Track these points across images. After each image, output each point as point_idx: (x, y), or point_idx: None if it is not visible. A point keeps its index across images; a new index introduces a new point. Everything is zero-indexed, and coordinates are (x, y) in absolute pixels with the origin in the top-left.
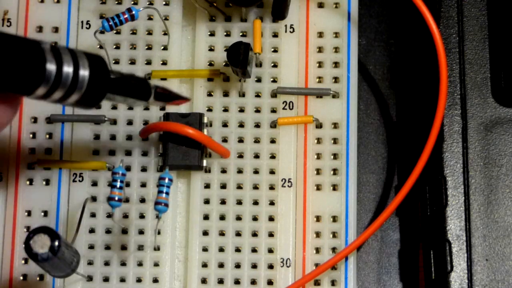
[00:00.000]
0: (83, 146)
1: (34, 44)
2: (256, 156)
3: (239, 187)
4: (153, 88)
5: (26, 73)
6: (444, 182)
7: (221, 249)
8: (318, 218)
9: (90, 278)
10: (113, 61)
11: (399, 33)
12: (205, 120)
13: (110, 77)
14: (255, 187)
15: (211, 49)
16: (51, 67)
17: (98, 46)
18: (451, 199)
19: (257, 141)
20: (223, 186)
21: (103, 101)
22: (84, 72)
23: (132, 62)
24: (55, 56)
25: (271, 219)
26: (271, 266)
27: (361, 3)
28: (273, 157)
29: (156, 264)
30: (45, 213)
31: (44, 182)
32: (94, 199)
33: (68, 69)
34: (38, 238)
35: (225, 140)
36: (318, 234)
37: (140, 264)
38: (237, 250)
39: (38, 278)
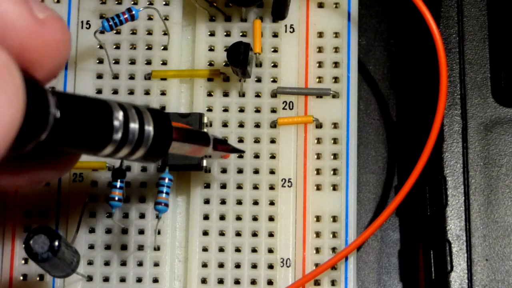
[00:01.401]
0: None
1: (102, 103)
2: (256, 156)
3: (239, 187)
4: (211, 139)
5: (96, 133)
6: (444, 182)
7: (221, 249)
8: (318, 218)
9: (90, 278)
10: (113, 61)
11: (399, 33)
12: (205, 120)
13: (173, 131)
14: (255, 187)
15: (211, 49)
16: (119, 126)
17: (98, 46)
18: (451, 199)
19: (257, 141)
20: (223, 186)
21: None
22: (149, 128)
23: (132, 62)
24: (122, 113)
25: (271, 219)
26: (271, 266)
27: (361, 3)
28: (273, 157)
29: (156, 264)
30: (45, 213)
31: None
32: (94, 199)
33: (134, 125)
34: (38, 238)
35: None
36: (318, 234)
37: (140, 264)
38: (237, 250)
39: (38, 278)
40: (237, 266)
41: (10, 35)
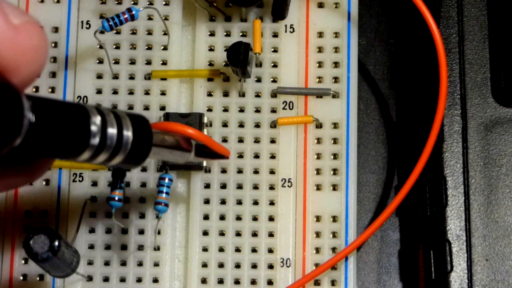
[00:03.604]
0: None
1: (79, 108)
2: (256, 156)
3: (239, 187)
4: (193, 144)
5: (72, 139)
6: (444, 182)
7: (221, 249)
8: (318, 218)
9: (90, 278)
10: (113, 61)
11: (399, 33)
12: (205, 120)
13: (152, 136)
14: (255, 187)
15: (211, 49)
16: (96, 131)
17: (98, 46)
18: (451, 199)
19: (257, 141)
20: (223, 186)
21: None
22: (128, 133)
23: (132, 62)
24: (100, 118)
25: (271, 219)
26: (271, 266)
27: (361, 3)
28: (273, 157)
29: (156, 264)
30: (45, 213)
31: (44, 182)
32: (94, 199)
33: (112, 130)
34: (38, 238)
35: (225, 140)
36: (318, 234)
37: (140, 264)
38: (237, 250)
39: (38, 278)
40: (237, 266)
41: None
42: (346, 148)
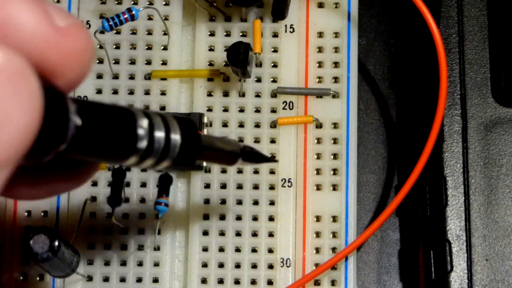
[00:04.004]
0: None
1: (125, 111)
2: None
3: (239, 187)
4: (242, 148)
5: (119, 142)
6: (444, 182)
7: (221, 249)
8: (318, 218)
9: (90, 278)
10: (113, 61)
11: (399, 33)
12: (205, 120)
13: (201, 140)
14: (255, 187)
15: (211, 49)
16: (143, 134)
17: (98, 46)
18: (451, 199)
19: (257, 141)
20: (223, 186)
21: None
22: (176, 136)
23: (132, 62)
24: (147, 121)
25: (271, 219)
26: (271, 266)
27: (361, 3)
28: (273, 157)
29: (156, 264)
30: (45, 213)
31: None
32: (94, 199)
33: (160, 134)
34: (38, 238)
35: None
36: (318, 234)
37: (140, 264)
38: (237, 250)
39: (38, 278)
40: (237, 266)
41: (28, 45)
42: (346, 148)
